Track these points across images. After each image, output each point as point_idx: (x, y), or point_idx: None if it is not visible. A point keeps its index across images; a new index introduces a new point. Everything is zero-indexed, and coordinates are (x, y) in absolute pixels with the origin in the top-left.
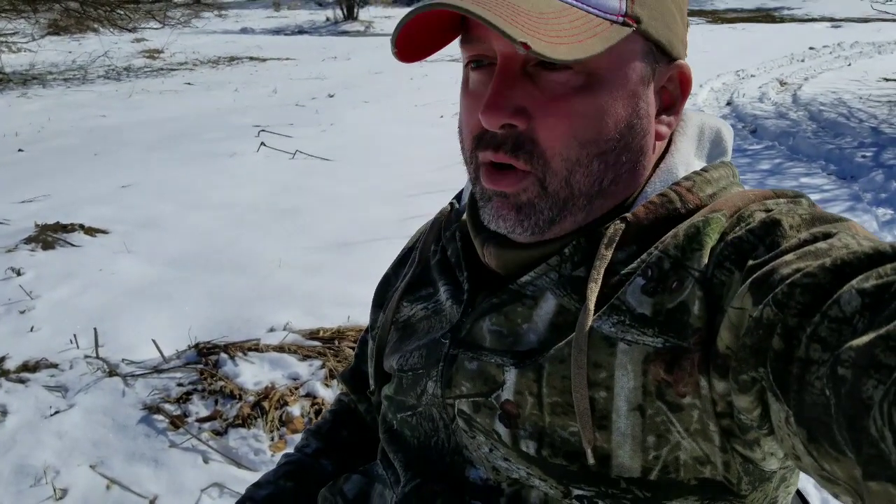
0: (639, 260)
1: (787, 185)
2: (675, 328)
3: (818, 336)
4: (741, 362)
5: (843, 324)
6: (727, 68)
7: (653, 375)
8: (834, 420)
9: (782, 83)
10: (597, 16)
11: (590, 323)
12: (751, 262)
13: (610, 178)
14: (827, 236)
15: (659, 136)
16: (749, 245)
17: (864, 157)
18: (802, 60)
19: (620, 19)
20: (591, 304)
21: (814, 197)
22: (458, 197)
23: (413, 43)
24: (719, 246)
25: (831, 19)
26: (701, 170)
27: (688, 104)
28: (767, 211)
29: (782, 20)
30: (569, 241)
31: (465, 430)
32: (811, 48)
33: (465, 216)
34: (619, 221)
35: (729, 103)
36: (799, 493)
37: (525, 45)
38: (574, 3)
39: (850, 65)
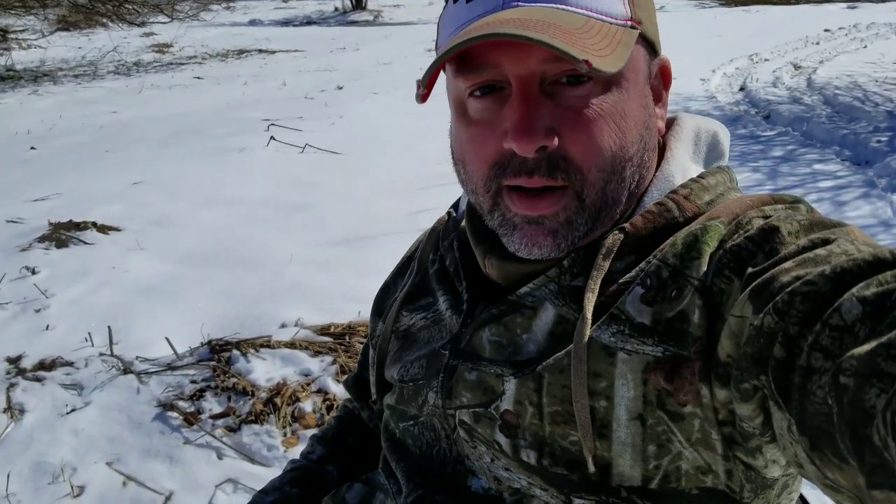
0: (637, 269)
1: (801, 171)
2: (675, 337)
3: (819, 344)
4: (742, 371)
5: (844, 332)
6: (740, 53)
7: (653, 385)
8: (836, 429)
9: (796, 67)
10: (612, 24)
11: (588, 332)
12: (750, 270)
13: (636, 181)
14: (826, 242)
15: (660, 132)
16: (748, 252)
17: (879, 141)
18: (817, 43)
19: (629, 24)
20: (589, 314)
21: (827, 184)
22: (456, 206)
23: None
24: (718, 253)
25: (847, 0)
26: (698, 176)
27: (700, 90)
28: (766, 217)
29: (797, 2)
30: (568, 252)
31: (467, 440)
32: (826, 30)
33: (463, 224)
34: (617, 232)
35: (742, 88)
36: (803, 499)
37: (587, 62)
38: (592, 14)
39: (866, 47)
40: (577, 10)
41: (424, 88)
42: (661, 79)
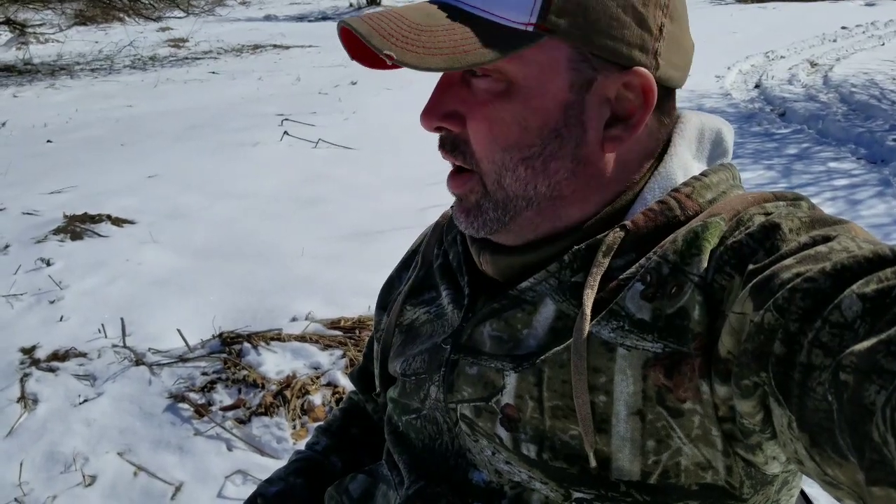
0: (637, 265)
1: (815, 169)
2: (675, 333)
3: (820, 341)
4: (743, 367)
5: (844, 329)
6: (756, 49)
7: (653, 380)
8: (836, 425)
9: (813, 64)
10: (501, 26)
11: (587, 328)
12: (751, 267)
13: (546, 185)
14: (827, 239)
15: (609, 148)
16: (749, 249)
17: (895, 140)
18: (834, 40)
19: (531, 28)
20: (588, 310)
21: (842, 182)
22: None
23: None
24: (719, 250)
25: None
26: (700, 174)
27: (715, 87)
28: (767, 214)
29: None
30: (567, 247)
31: (468, 433)
32: (843, 27)
33: None
34: (618, 229)
35: (757, 86)
36: (804, 494)
37: (389, 55)
38: (479, 14)
39: (883, 44)
40: (465, 7)
41: (351, 58)
42: (641, 96)
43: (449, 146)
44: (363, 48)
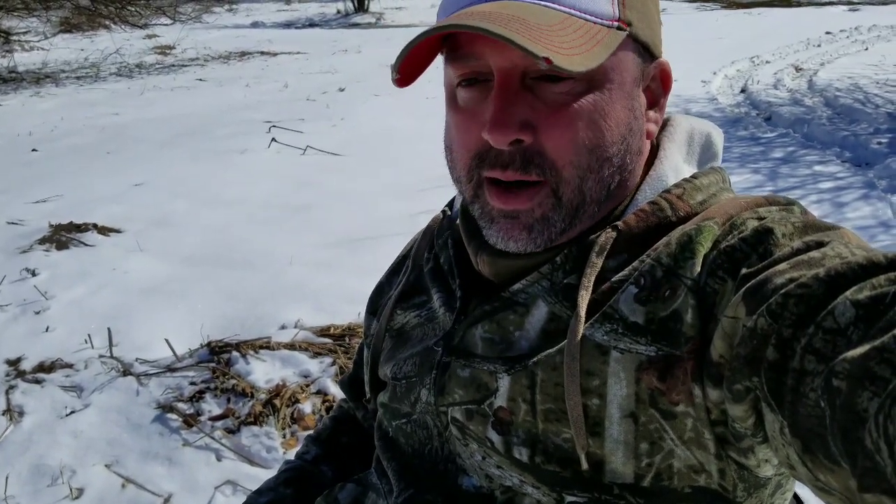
0: (630, 268)
1: (801, 172)
2: (668, 336)
3: (812, 347)
4: (735, 372)
5: (837, 335)
6: (742, 55)
7: (646, 383)
8: (829, 431)
9: (798, 69)
10: (595, 23)
11: (581, 330)
12: (744, 271)
13: (616, 181)
14: (820, 245)
15: (648, 135)
16: (742, 253)
17: (879, 143)
18: (819, 45)
19: (615, 24)
20: (582, 312)
21: (827, 185)
22: (450, 204)
23: (408, 68)
24: (712, 254)
25: (849, 2)
26: (691, 177)
27: (701, 92)
28: (760, 219)
29: (799, 4)
30: (561, 249)
31: (459, 437)
32: (828, 32)
33: (457, 222)
34: (610, 230)
35: (743, 90)
36: (797, 497)
37: (547, 59)
38: (573, 12)
39: (867, 49)
40: (558, 6)
41: (397, 73)
42: (661, 83)
43: (520, 164)
44: (411, 59)
